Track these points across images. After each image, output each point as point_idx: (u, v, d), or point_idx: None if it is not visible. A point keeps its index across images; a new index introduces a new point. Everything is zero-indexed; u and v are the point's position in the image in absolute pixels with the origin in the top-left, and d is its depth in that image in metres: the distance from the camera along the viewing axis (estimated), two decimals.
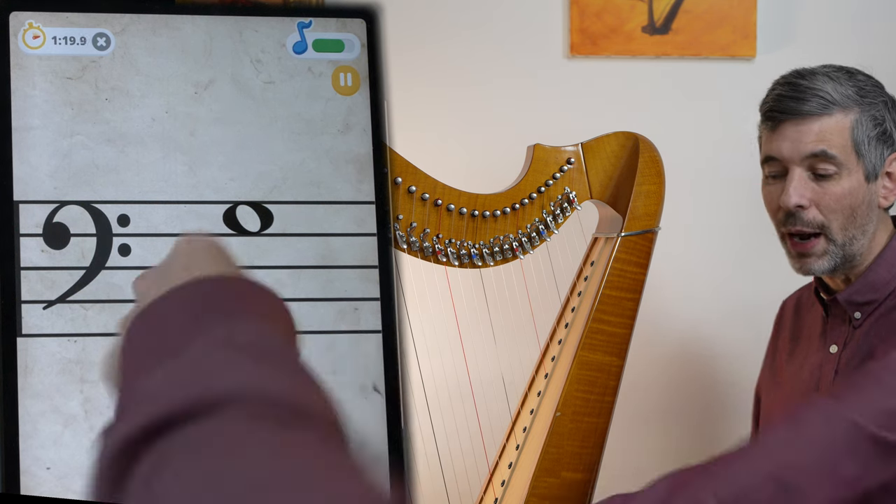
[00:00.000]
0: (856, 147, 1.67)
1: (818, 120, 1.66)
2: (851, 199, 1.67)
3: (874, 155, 1.68)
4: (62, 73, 1.28)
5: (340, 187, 1.34)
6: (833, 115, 1.66)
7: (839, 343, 1.73)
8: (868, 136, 1.67)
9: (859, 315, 1.71)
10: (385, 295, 1.34)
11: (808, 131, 1.67)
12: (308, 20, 1.35)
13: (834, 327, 1.74)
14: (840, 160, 1.66)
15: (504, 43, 2.32)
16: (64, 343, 1.26)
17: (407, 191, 1.75)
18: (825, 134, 1.66)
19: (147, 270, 0.81)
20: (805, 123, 1.67)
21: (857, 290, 1.70)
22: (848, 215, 1.67)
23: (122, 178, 1.30)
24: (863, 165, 1.67)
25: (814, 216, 1.68)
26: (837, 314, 1.74)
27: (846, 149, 1.66)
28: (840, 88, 1.68)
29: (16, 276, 1.26)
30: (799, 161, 1.67)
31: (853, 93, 1.68)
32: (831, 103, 1.66)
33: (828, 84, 1.68)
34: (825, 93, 1.67)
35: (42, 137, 1.28)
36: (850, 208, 1.67)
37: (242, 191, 1.32)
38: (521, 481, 1.84)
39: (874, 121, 1.68)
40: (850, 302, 1.71)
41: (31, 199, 1.28)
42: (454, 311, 1.92)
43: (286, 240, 1.33)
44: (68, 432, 1.25)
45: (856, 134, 1.67)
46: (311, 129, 1.34)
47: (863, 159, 1.67)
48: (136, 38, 1.30)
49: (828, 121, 1.66)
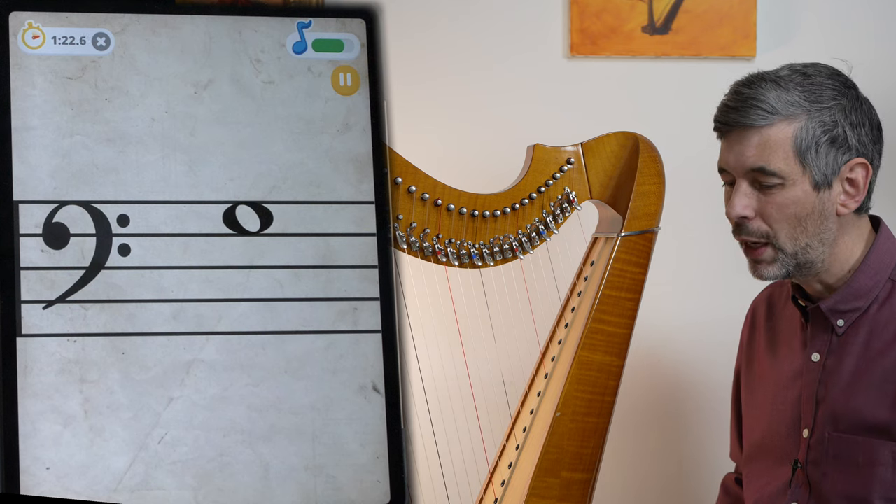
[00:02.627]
0: (800, 156, 1.64)
1: (758, 132, 1.64)
2: (797, 208, 1.65)
3: (823, 163, 1.64)
4: (62, 73, 1.28)
5: (340, 187, 1.34)
6: (774, 125, 1.64)
7: (821, 352, 1.71)
8: (815, 143, 1.64)
9: (842, 322, 1.69)
10: (385, 295, 1.34)
11: (749, 144, 1.65)
12: (308, 20, 1.35)
13: (815, 335, 1.72)
14: (782, 173, 1.64)
15: (504, 43, 2.32)
16: (63, 343, 1.26)
17: (407, 191, 1.75)
18: (765, 146, 1.64)
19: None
20: (746, 135, 1.65)
21: (840, 298, 1.69)
22: (794, 225, 1.66)
23: (122, 178, 1.30)
24: (809, 175, 1.64)
25: (758, 226, 1.67)
26: (819, 322, 1.72)
27: (788, 160, 1.64)
28: (785, 96, 1.65)
29: (16, 276, 1.26)
30: (743, 174, 1.67)
31: (800, 99, 1.65)
32: (771, 113, 1.64)
33: (771, 92, 1.65)
34: (766, 103, 1.64)
35: (42, 137, 1.28)
36: (796, 218, 1.65)
37: (242, 191, 1.32)
38: (521, 481, 1.84)
39: (823, 126, 1.64)
40: (834, 310, 1.69)
41: (31, 199, 1.28)
42: (454, 311, 1.92)
43: (286, 240, 1.33)
44: (68, 432, 1.25)
45: (799, 142, 1.64)
46: (311, 129, 1.34)
47: (809, 168, 1.64)
48: (136, 37, 1.30)
49: (768, 131, 1.64)
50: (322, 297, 1.36)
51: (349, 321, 1.36)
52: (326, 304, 1.36)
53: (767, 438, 1.78)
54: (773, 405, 1.78)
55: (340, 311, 1.36)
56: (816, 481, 1.67)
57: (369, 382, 1.34)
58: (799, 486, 1.69)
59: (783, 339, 1.80)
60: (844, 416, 1.67)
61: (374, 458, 1.37)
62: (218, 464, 1.28)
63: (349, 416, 1.37)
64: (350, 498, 1.36)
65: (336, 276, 1.37)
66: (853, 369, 1.68)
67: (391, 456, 1.35)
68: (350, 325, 1.36)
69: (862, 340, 1.68)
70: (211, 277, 1.31)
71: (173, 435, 1.28)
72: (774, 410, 1.77)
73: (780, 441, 1.75)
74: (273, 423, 1.34)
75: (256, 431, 1.29)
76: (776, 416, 1.76)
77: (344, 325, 1.36)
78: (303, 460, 1.34)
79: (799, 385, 1.73)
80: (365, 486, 1.36)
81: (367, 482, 1.36)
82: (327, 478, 1.35)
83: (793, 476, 1.70)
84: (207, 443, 1.28)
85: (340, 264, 1.37)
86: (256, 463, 1.29)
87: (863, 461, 1.65)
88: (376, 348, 1.37)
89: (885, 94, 2.03)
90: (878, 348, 1.67)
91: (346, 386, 1.35)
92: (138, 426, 1.28)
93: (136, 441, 1.29)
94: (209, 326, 1.31)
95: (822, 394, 1.69)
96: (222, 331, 1.30)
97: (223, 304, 1.31)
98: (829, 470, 1.67)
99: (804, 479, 1.68)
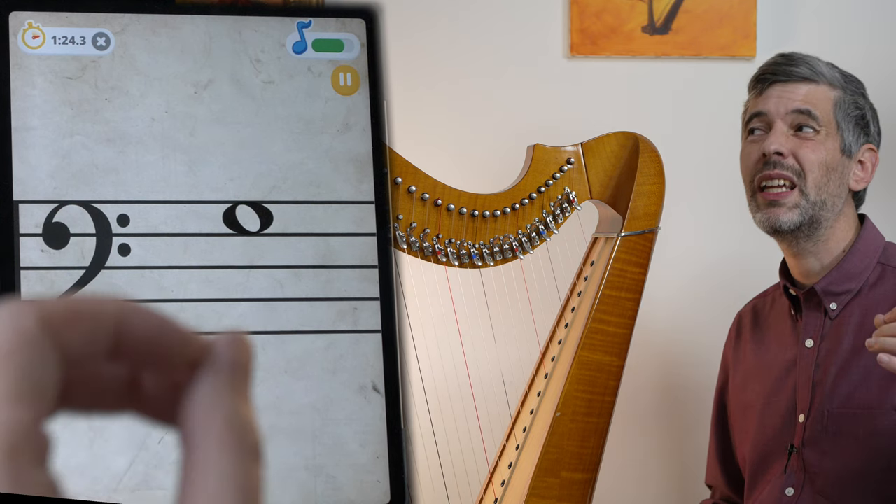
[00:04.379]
0: (837, 119, 1.75)
1: (806, 85, 1.76)
2: (828, 158, 1.75)
3: (851, 135, 1.76)
4: (62, 73, 1.29)
5: (340, 187, 1.34)
6: (820, 85, 1.76)
7: (815, 337, 1.74)
8: (848, 114, 1.76)
9: (835, 305, 1.73)
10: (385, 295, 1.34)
11: (796, 91, 1.76)
12: (308, 20, 1.35)
13: (808, 322, 1.75)
14: (822, 122, 1.74)
15: (504, 43, 2.32)
16: None
17: (407, 191, 1.75)
18: (812, 95, 1.76)
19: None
20: (793, 84, 1.76)
21: (833, 279, 1.73)
22: (823, 172, 1.75)
23: (122, 178, 1.30)
24: (840, 137, 1.75)
25: (792, 163, 1.75)
26: (811, 307, 1.75)
27: (828, 116, 1.75)
28: (830, 69, 1.78)
29: (16, 276, 1.27)
30: (783, 115, 1.75)
31: (840, 77, 1.78)
32: (821, 74, 1.76)
33: (820, 62, 1.78)
34: (816, 65, 1.77)
35: (42, 137, 1.28)
36: (826, 167, 1.74)
37: (242, 191, 1.32)
38: (521, 481, 1.84)
39: (855, 104, 1.77)
40: (827, 292, 1.73)
41: (31, 199, 1.28)
42: (454, 311, 1.92)
43: (286, 239, 1.33)
44: (68, 432, 1.25)
45: (838, 109, 1.76)
46: (311, 129, 1.34)
47: (841, 132, 1.75)
48: (136, 37, 1.30)
49: (815, 87, 1.76)
50: (322, 297, 1.36)
51: (349, 321, 1.36)
52: (326, 304, 1.36)
53: (763, 437, 1.78)
54: (767, 399, 1.79)
55: (340, 311, 1.36)
56: (814, 463, 1.68)
57: (369, 382, 1.35)
58: (794, 472, 1.70)
59: (772, 336, 1.82)
60: (841, 396, 1.69)
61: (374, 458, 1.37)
62: None
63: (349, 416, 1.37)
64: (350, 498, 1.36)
65: (336, 276, 1.37)
66: (849, 350, 1.70)
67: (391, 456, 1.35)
68: (350, 325, 1.36)
69: (855, 322, 1.71)
70: (211, 277, 1.31)
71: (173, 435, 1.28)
72: (768, 404, 1.78)
73: (777, 434, 1.75)
74: (273, 423, 1.34)
75: None
76: (770, 409, 1.77)
77: (344, 325, 1.36)
78: (302, 460, 1.34)
79: (793, 374, 1.74)
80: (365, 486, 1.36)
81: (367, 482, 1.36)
82: (327, 478, 1.34)
83: (787, 462, 1.71)
84: None
85: (340, 264, 1.37)
86: None
87: (863, 433, 1.66)
88: (376, 348, 1.37)
89: (885, 94, 2.04)
90: (870, 329, 1.69)
91: (346, 386, 1.35)
92: (138, 426, 1.28)
93: (136, 441, 1.29)
94: (209, 326, 1.31)
95: (819, 377, 1.71)
96: (222, 331, 1.30)
97: (223, 303, 1.31)
98: (828, 448, 1.68)
99: (799, 463, 1.68)
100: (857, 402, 1.68)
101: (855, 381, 1.69)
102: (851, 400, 1.69)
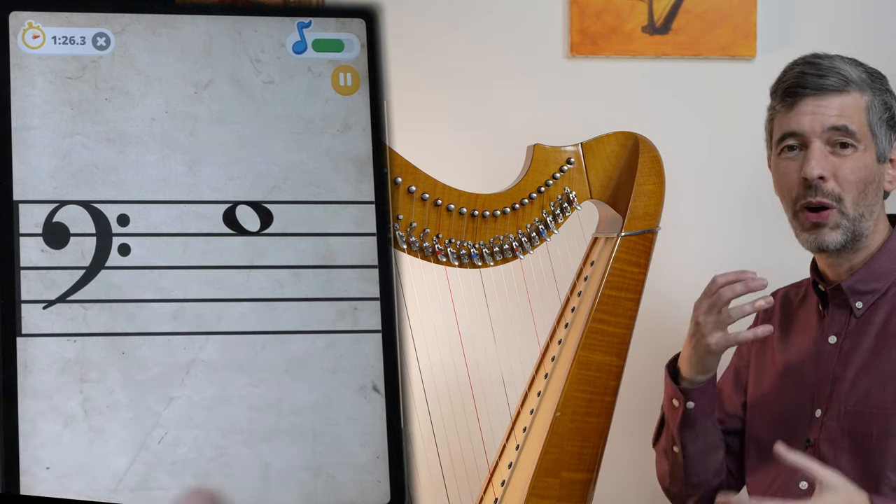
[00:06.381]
0: (871, 127, 1.72)
1: (838, 96, 1.72)
2: (865, 173, 1.72)
3: (884, 138, 1.74)
4: (62, 73, 1.28)
5: (340, 187, 1.34)
6: (851, 94, 1.72)
7: (839, 334, 1.74)
8: (879, 118, 1.73)
9: (861, 304, 1.73)
10: (385, 295, 1.34)
11: (830, 106, 1.71)
12: (308, 20, 1.35)
13: (834, 319, 1.75)
14: (859, 136, 1.71)
15: (504, 43, 2.32)
16: (63, 343, 1.26)
17: (407, 191, 1.75)
18: (845, 110, 1.72)
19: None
20: (826, 98, 1.72)
21: (860, 278, 1.73)
22: (861, 190, 1.72)
23: (122, 178, 1.30)
24: (875, 146, 1.73)
25: (832, 188, 1.71)
26: (837, 305, 1.75)
27: (862, 126, 1.72)
28: (855, 71, 1.74)
29: (16, 276, 1.26)
30: (819, 134, 1.72)
31: (866, 77, 1.74)
32: (850, 81, 1.72)
33: (845, 65, 1.74)
34: (845, 71, 1.73)
35: (42, 137, 1.28)
36: (864, 183, 1.72)
37: (242, 190, 1.32)
38: (521, 481, 1.84)
39: (885, 105, 1.74)
40: (854, 290, 1.73)
41: (31, 199, 1.28)
42: (454, 311, 1.92)
43: (286, 240, 1.33)
44: (68, 432, 1.25)
45: (870, 115, 1.72)
46: (311, 129, 1.34)
47: (876, 140, 1.73)
48: (136, 37, 1.30)
49: (847, 98, 1.72)
50: (322, 297, 1.36)
51: (349, 321, 1.36)
52: (326, 304, 1.36)
53: (775, 422, 1.78)
54: (781, 390, 1.79)
55: (340, 311, 1.36)
56: (829, 459, 1.68)
57: (369, 382, 1.34)
58: None
59: (798, 328, 1.82)
60: (859, 394, 1.69)
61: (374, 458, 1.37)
62: (218, 464, 1.28)
63: (349, 416, 1.37)
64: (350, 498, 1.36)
65: (336, 276, 1.37)
66: (870, 349, 1.70)
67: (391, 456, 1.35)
68: (350, 325, 1.36)
69: (880, 321, 1.72)
70: (211, 277, 1.31)
71: (173, 435, 1.28)
72: (781, 395, 1.78)
73: (790, 424, 1.76)
74: (273, 422, 1.34)
75: (256, 431, 1.29)
76: (784, 398, 1.78)
77: (344, 325, 1.36)
78: (303, 460, 1.34)
79: (812, 367, 1.75)
80: (365, 486, 1.36)
81: (367, 482, 1.36)
82: (327, 478, 1.34)
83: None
84: (207, 443, 1.28)
85: (340, 264, 1.37)
86: (256, 463, 1.29)
87: (877, 433, 1.66)
88: (376, 348, 1.37)
89: None
90: (894, 329, 1.70)
91: (346, 386, 1.35)
92: (138, 426, 1.28)
93: (136, 441, 1.29)
94: (209, 326, 1.31)
95: (839, 373, 1.72)
96: (222, 331, 1.30)
97: (223, 303, 1.31)
98: (844, 445, 1.69)
99: (815, 458, 1.68)
100: (874, 401, 1.68)
101: (873, 381, 1.70)
102: (868, 399, 1.69)
